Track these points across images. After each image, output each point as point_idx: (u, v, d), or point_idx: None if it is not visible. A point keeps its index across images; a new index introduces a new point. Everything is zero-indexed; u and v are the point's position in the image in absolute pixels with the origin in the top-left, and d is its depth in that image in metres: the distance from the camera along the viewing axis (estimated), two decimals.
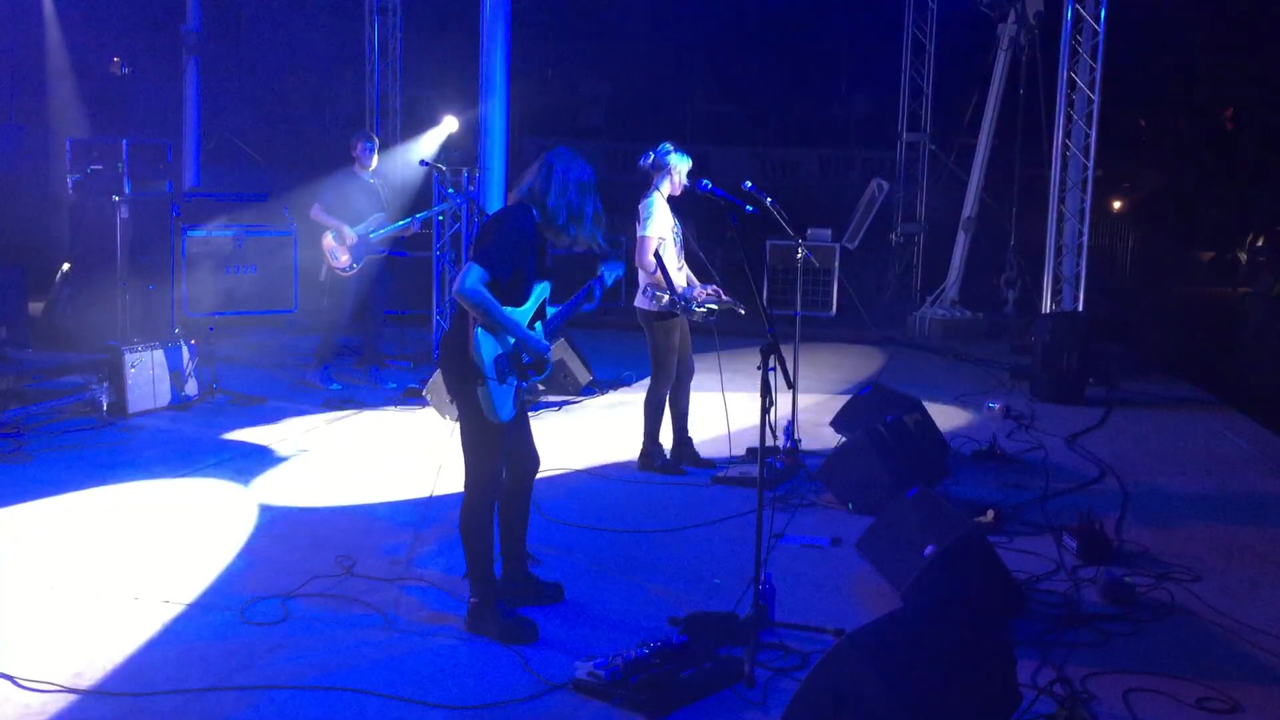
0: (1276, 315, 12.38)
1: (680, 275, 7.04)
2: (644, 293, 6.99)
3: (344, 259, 9.16)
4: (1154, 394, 10.45)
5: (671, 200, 7.01)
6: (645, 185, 7.07)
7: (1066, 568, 5.59)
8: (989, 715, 3.72)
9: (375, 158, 9.39)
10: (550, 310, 4.90)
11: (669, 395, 7.30)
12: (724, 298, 7.05)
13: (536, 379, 4.80)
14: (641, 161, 7.06)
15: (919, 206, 16.26)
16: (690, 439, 7.48)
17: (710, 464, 7.38)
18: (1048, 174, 11.59)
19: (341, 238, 9.10)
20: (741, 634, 4.52)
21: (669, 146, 7.02)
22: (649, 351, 7.18)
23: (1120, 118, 20.12)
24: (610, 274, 5.27)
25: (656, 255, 6.69)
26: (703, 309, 6.87)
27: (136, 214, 10.08)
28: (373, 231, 9.22)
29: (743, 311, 7.13)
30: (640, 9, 20.21)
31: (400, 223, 9.33)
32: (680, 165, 6.96)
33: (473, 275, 4.46)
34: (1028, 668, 4.36)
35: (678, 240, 7.08)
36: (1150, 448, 8.42)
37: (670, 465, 7.29)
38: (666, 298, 6.82)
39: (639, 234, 6.88)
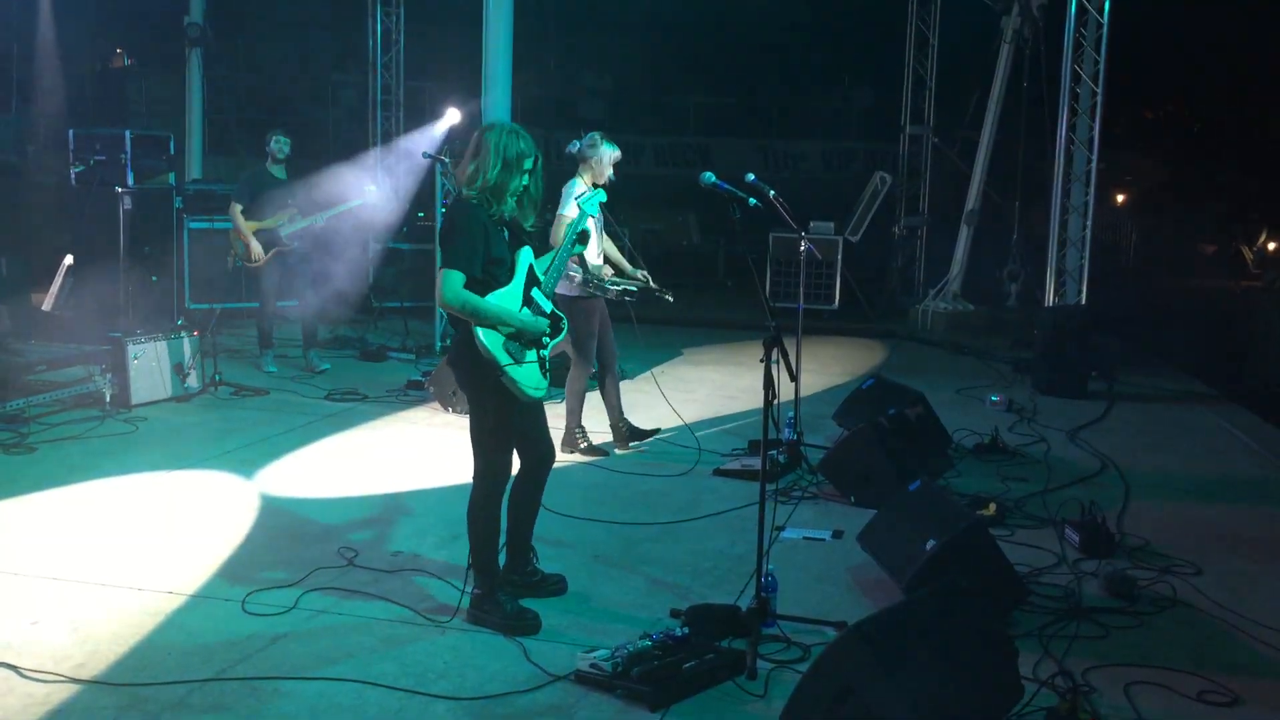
0: (1278, 308, 12.37)
1: (598, 260, 7.08)
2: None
3: (255, 252, 9.42)
4: (1156, 387, 10.45)
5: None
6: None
7: (1068, 561, 5.60)
8: (991, 708, 3.72)
9: (284, 151, 9.58)
10: (543, 265, 4.87)
11: (601, 389, 7.38)
12: (651, 284, 7.14)
13: (556, 340, 4.78)
14: (569, 149, 7.08)
15: (922, 199, 16.24)
16: (626, 420, 7.59)
17: (654, 431, 7.70)
18: (1051, 167, 11.58)
19: (239, 234, 9.36)
20: (743, 626, 4.52)
21: (597, 136, 7.02)
22: (569, 337, 7.17)
23: (1124, 110, 20.08)
24: (589, 205, 5.65)
25: None
26: (617, 287, 6.91)
27: (139, 205, 10.11)
28: (283, 225, 9.36)
29: (670, 299, 7.20)
30: (642, 0, 20.16)
31: (304, 221, 9.46)
32: (607, 156, 6.97)
33: (450, 283, 4.43)
34: (1029, 660, 4.37)
35: (599, 226, 7.09)
36: (1152, 441, 8.43)
37: (595, 447, 7.41)
38: (579, 277, 6.87)
39: (558, 212, 6.89)
